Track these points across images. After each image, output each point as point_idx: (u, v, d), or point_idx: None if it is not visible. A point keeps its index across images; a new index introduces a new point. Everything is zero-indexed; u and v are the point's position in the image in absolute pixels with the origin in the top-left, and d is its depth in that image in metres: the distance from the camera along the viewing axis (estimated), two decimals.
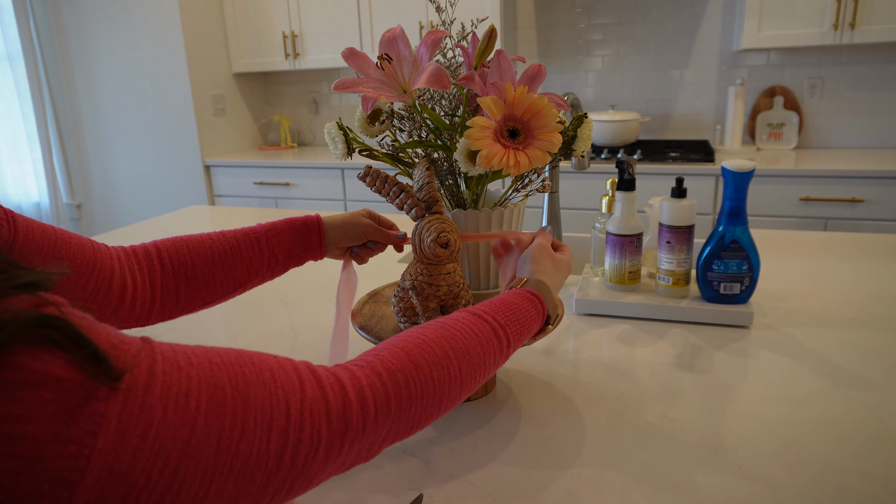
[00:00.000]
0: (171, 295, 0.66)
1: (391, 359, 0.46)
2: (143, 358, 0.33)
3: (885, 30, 2.31)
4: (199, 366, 0.36)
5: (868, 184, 2.25)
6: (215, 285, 0.70)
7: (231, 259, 0.71)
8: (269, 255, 0.74)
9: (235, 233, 0.73)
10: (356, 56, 0.71)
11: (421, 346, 0.49)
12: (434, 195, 0.73)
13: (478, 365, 0.52)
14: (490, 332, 0.54)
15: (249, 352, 0.40)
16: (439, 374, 0.48)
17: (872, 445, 0.71)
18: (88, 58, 3.31)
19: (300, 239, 0.76)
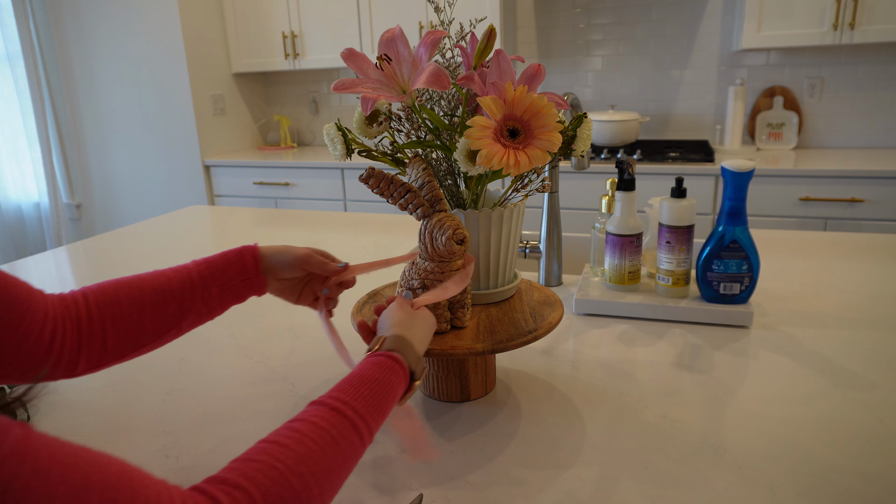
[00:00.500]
0: (96, 342, 0.61)
1: (267, 483, 0.42)
2: (7, 464, 0.30)
3: (884, 30, 2.31)
4: (73, 482, 0.33)
5: (868, 184, 2.25)
6: (145, 327, 0.64)
7: (161, 298, 0.65)
8: (201, 289, 0.67)
9: (166, 270, 0.68)
10: (355, 56, 0.71)
11: (278, 477, 0.43)
12: (437, 193, 0.73)
13: (339, 473, 0.47)
14: (352, 430, 0.49)
15: (135, 472, 0.37)
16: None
17: (872, 445, 0.71)
18: (88, 58, 3.31)
19: (234, 268, 0.70)
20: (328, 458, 0.46)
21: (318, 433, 0.47)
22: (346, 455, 0.48)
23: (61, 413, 0.85)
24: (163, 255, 1.54)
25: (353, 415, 0.50)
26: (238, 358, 0.99)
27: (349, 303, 1.18)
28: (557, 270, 1.25)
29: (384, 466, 0.71)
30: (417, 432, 0.68)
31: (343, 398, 0.51)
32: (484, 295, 0.83)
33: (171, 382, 0.92)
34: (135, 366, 0.98)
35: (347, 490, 0.67)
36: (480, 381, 0.84)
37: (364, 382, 0.54)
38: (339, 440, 0.48)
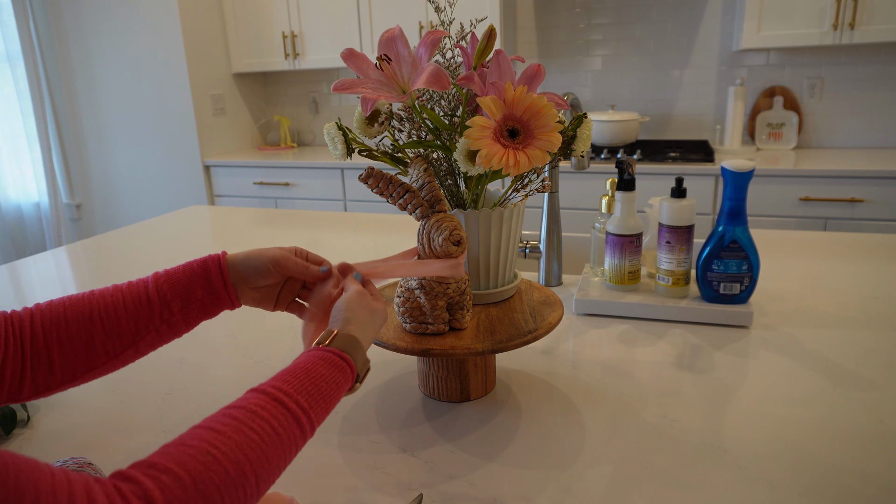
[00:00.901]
0: (42, 365, 0.56)
1: (175, 488, 0.38)
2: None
3: (884, 30, 2.31)
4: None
5: (868, 184, 2.25)
6: (95, 349, 0.58)
7: (113, 314, 0.59)
8: (159, 306, 0.61)
9: (122, 286, 0.61)
10: (355, 57, 0.71)
11: (210, 465, 0.40)
12: (437, 194, 0.73)
13: (275, 468, 0.45)
14: (293, 423, 0.47)
15: (26, 464, 0.34)
16: (232, 497, 0.41)
17: (872, 445, 0.71)
18: (88, 58, 3.31)
19: (198, 281, 0.63)
20: (267, 447, 0.44)
21: (257, 422, 0.45)
22: (286, 447, 0.46)
23: (61, 413, 0.85)
24: (163, 256, 1.54)
25: (296, 408, 0.47)
26: (238, 358, 0.99)
27: None
28: (557, 270, 1.25)
29: (384, 466, 0.71)
30: None
31: (286, 389, 0.48)
32: (484, 295, 0.83)
33: (171, 382, 0.92)
34: (135, 366, 0.98)
35: (347, 490, 0.67)
36: (480, 381, 0.84)
37: (309, 376, 0.50)
38: (280, 431, 0.45)
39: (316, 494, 0.67)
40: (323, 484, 0.68)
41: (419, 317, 0.76)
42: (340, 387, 0.52)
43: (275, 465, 0.44)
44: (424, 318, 0.75)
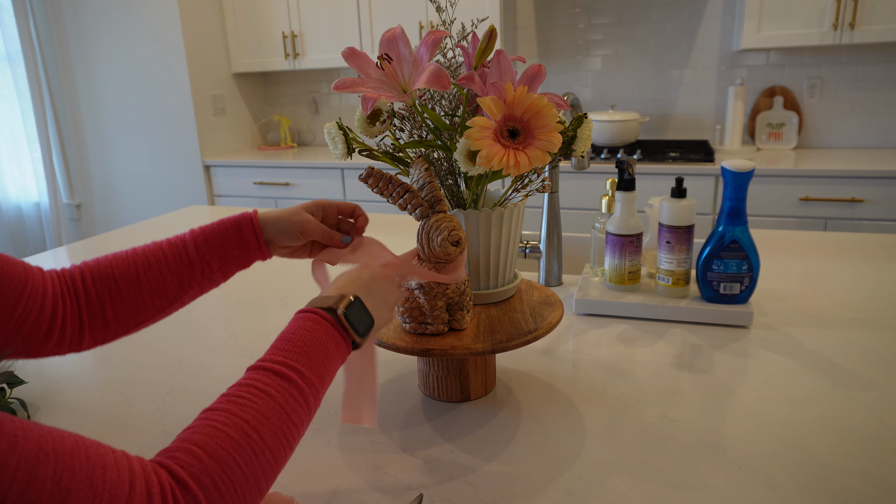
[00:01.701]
0: (98, 319, 0.62)
1: (190, 461, 0.42)
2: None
3: (884, 30, 2.31)
4: (24, 452, 0.33)
5: (868, 184, 2.25)
6: (144, 303, 0.64)
7: (158, 273, 0.64)
8: (200, 264, 0.66)
9: (162, 244, 0.66)
10: (356, 56, 0.71)
11: (214, 436, 0.44)
12: (437, 194, 0.73)
13: (281, 422, 0.47)
14: (276, 378, 0.49)
15: (90, 443, 0.37)
16: (244, 458, 0.44)
17: (872, 445, 0.71)
18: (88, 58, 3.31)
19: (234, 241, 0.68)
20: (258, 405, 0.47)
21: (243, 389, 0.48)
22: (279, 401, 0.48)
23: (61, 413, 0.85)
24: None
25: (278, 367, 0.50)
26: (238, 358, 0.99)
27: None
28: (557, 270, 1.25)
29: (384, 466, 0.71)
30: (369, 392, 0.63)
31: (269, 357, 0.51)
32: (484, 295, 0.83)
33: (171, 382, 0.92)
34: (135, 366, 0.98)
35: (347, 490, 0.67)
36: (480, 381, 0.84)
37: (284, 339, 0.52)
38: (266, 389, 0.48)
39: (316, 495, 0.67)
40: (323, 484, 0.68)
41: (418, 317, 0.76)
42: (311, 330, 0.53)
43: (275, 419, 0.47)
44: (424, 318, 0.75)
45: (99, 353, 1.03)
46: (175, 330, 1.11)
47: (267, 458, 0.45)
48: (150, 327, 1.12)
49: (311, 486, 0.68)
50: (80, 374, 0.96)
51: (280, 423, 0.47)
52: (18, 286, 0.55)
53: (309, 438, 0.77)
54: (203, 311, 1.19)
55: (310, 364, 0.51)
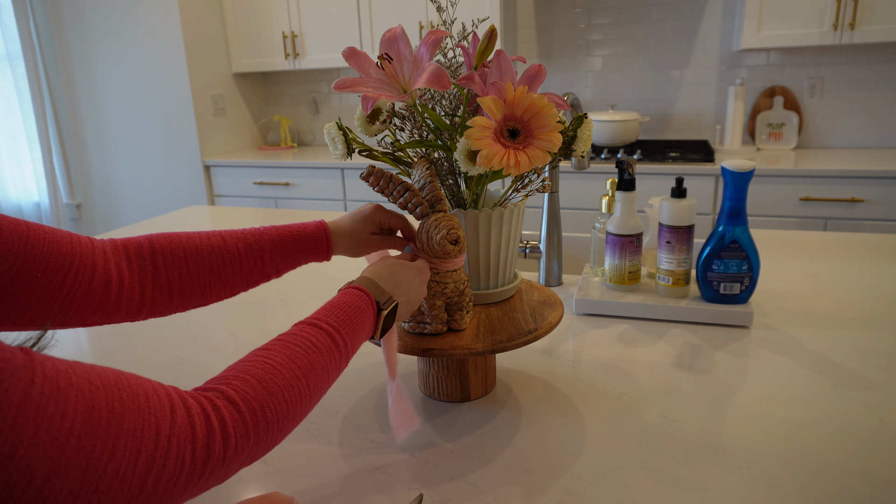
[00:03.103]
0: (163, 295, 0.64)
1: (244, 388, 0.47)
2: (20, 376, 0.33)
3: (885, 30, 2.31)
4: (79, 386, 0.36)
5: (868, 184, 2.25)
6: (210, 292, 0.67)
7: (230, 269, 0.68)
8: (270, 269, 0.71)
9: (237, 241, 0.69)
10: (356, 55, 0.71)
11: (269, 371, 0.49)
12: (438, 193, 0.73)
13: (322, 375, 0.53)
14: (327, 338, 0.55)
15: (127, 374, 0.41)
16: (290, 395, 0.49)
17: (872, 445, 0.71)
18: (88, 58, 3.31)
19: (308, 255, 0.74)
20: (310, 356, 0.53)
21: (297, 339, 0.54)
22: (324, 356, 0.54)
23: None
24: None
25: (328, 327, 0.57)
26: (238, 357, 0.99)
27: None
28: (557, 270, 1.25)
29: (384, 466, 0.71)
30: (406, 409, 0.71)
31: (317, 316, 0.58)
32: (484, 295, 0.83)
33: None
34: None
35: (347, 490, 0.67)
36: (480, 381, 0.84)
37: (335, 305, 0.60)
38: (318, 344, 0.54)
39: (316, 494, 0.67)
40: (323, 484, 0.68)
41: (417, 316, 0.76)
42: (362, 310, 0.61)
43: (320, 370, 0.53)
44: (422, 317, 0.76)
45: (99, 352, 1.03)
46: (175, 330, 1.11)
47: (304, 403, 0.51)
48: (150, 328, 1.12)
49: (311, 485, 0.68)
50: None
51: (321, 376, 0.53)
52: (65, 262, 0.55)
53: (309, 438, 0.77)
54: (203, 311, 1.19)
55: (352, 337, 0.58)
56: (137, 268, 0.62)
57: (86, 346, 1.06)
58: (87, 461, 0.35)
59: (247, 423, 0.45)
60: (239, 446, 0.45)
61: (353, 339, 0.58)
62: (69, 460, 0.34)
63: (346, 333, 0.57)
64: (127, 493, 0.37)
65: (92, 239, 0.60)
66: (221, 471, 0.44)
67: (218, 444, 0.43)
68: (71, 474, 0.34)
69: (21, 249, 0.52)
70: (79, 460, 0.34)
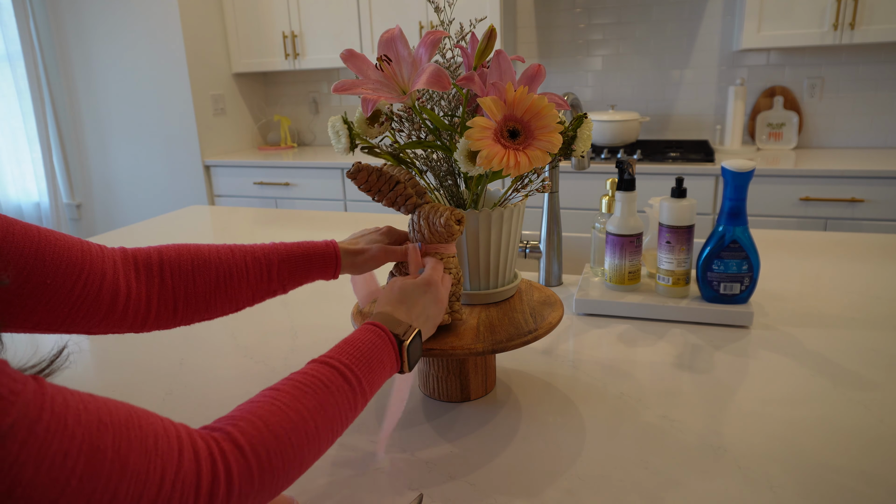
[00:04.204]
0: (167, 309, 0.64)
1: (251, 431, 0.46)
2: (27, 413, 0.33)
3: (885, 30, 2.31)
4: (87, 424, 0.35)
5: (868, 184, 2.25)
6: (216, 306, 0.67)
7: (236, 283, 0.67)
8: (276, 284, 0.71)
9: (245, 254, 0.69)
10: (355, 57, 0.71)
11: (276, 412, 0.48)
12: (420, 187, 0.73)
13: (333, 415, 0.52)
14: (339, 377, 0.54)
15: (140, 411, 0.40)
16: (298, 440, 0.48)
17: (872, 445, 0.71)
18: (88, 58, 3.31)
19: (315, 271, 0.73)
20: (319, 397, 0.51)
21: (308, 378, 0.52)
22: (335, 397, 0.52)
23: None
24: None
25: (340, 365, 0.55)
26: (238, 358, 0.99)
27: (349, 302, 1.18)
28: (557, 270, 1.25)
29: (384, 466, 0.71)
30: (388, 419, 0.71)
31: (330, 354, 0.56)
32: (484, 295, 0.83)
33: (171, 382, 0.92)
34: (135, 366, 0.98)
35: (347, 490, 0.67)
36: (480, 381, 0.84)
37: (348, 343, 0.58)
38: (329, 385, 0.53)
39: (315, 494, 0.67)
40: (323, 484, 0.68)
41: None
42: (378, 347, 0.60)
43: (331, 411, 0.52)
44: None
45: (99, 353, 1.03)
46: (175, 331, 1.11)
47: (314, 445, 0.50)
48: None
49: (310, 485, 0.68)
50: (81, 375, 0.96)
51: (332, 417, 0.52)
52: (76, 269, 0.55)
53: None
54: None
55: (368, 375, 0.56)
56: (145, 279, 0.62)
57: (86, 349, 1.06)
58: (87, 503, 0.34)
59: (251, 470, 0.44)
60: (243, 493, 0.44)
61: (368, 376, 0.56)
62: (67, 501, 0.33)
63: (359, 371, 0.55)
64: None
65: (103, 247, 0.60)
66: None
67: (222, 492, 0.42)
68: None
69: (32, 255, 0.52)
70: (78, 502, 0.34)
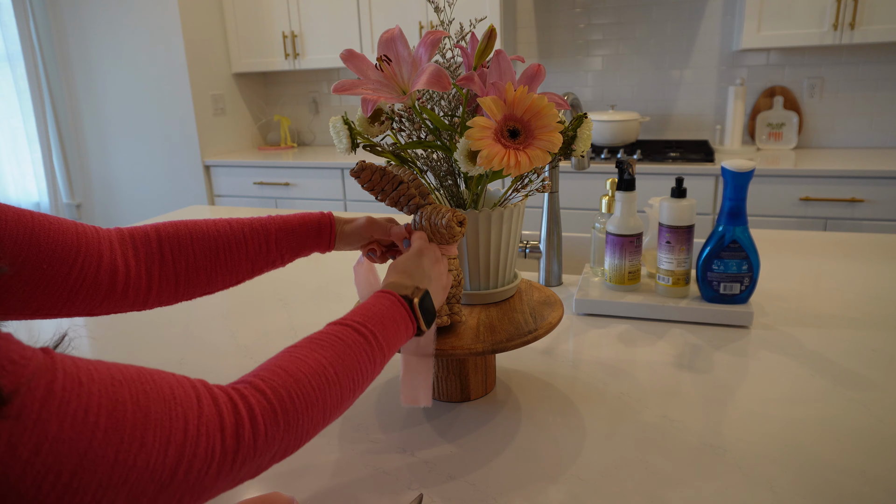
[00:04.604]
0: (169, 284, 0.64)
1: (271, 377, 0.47)
2: (43, 374, 0.33)
3: (885, 30, 2.31)
4: (101, 381, 0.36)
5: (868, 184, 2.25)
6: (216, 278, 0.67)
7: (235, 254, 0.68)
8: (275, 254, 0.71)
9: (244, 226, 0.69)
10: (355, 58, 0.71)
11: (295, 361, 0.50)
12: (424, 188, 0.73)
13: (351, 366, 0.53)
14: (352, 332, 0.56)
15: (149, 369, 0.41)
16: (318, 383, 0.50)
17: (872, 445, 0.71)
18: (88, 58, 3.31)
19: (311, 241, 0.74)
20: (336, 348, 0.53)
21: (322, 335, 0.54)
22: (352, 349, 0.54)
23: None
24: None
25: (354, 323, 0.57)
26: (238, 358, 0.99)
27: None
28: (557, 270, 1.25)
29: (384, 466, 0.71)
30: (424, 378, 0.71)
31: (345, 317, 0.58)
32: (484, 295, 0.83)
33: None
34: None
35: (347, 490, 0.67)
36: (480, 381, 0.84)
37: (362, 307, 0.60)
38: (344, 339, 0.55)
39: (316, 494, 0.67)
40: (323, 484, 0.68)
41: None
42: (389, 308, 0.61)
43: (348, 361, 0.53)
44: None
45: (98, 352, 1.03)
46: (175, 330, 1.11)
47: (335, 392, 0.51)
48: (150, 327, 1.12)
49: (311, 485, 0.68)
50: None
51: (351, 367, 0.53)
52: (71, 253, 0.55)
53: None
54: (203, 311, 1.19)
55: (383, 332, 0.58)
56: (144, 256, 0.62)
57: (85, 346, 1.06)
58: (116, 454, 0.35)
59: (275, 410, 0.45)
60: (269, 434, 0.45)
61: (383, 332, 0.58)
62: (96, 454, 0.34)
63: (374, 327, 0.57)
64: (158, 484, 0.37)
65: (98, 229, 0.60)
66: (254, 461, 0.44)
67: (247, 433, 0.43)
68: (99, 468, 0.34)
69: (26, 240, 0.52)
70: (107, 453, 0.35)
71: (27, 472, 0.31)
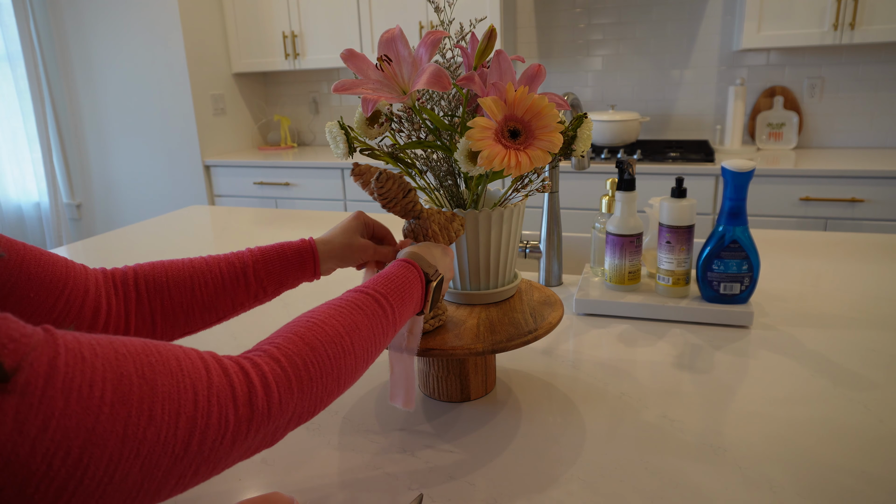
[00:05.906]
0: (146, 324, 0.63)
1: (286, 344, 0.48)
2: (44, 351, 0.33)
3: (885, 30, 2.31)
4: (104, 356, 0.36)
5: (868, 184, 2.25)
6: (195, 316, 0.66)
7: (213, 292, 0.66)
8: (256, 287, 0.69)
9: (220, 262, 0.68)
10: (355, 57, 0.71)
11: (312, 328, 0.50)
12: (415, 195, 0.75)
13: (367, 336, 0.54)
14: (372, 301, 0.57)
15: (155, 342, 0.41)
16: (333, 351, 0.50)
17: (872, 445, 0.71)
18: (88, 58, 3.31)
19: (293, 269, 0.72)
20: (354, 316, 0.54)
21: (339, 301, 0.56)
22: (370, 318, 0.55)
23: None
24: (163, 256, 1.54)
25: (374, 292, 0.58)
26: None
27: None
28: (557, 270, 1.25)
29: (384, 466, 0.71)
30: (407, 377, 0.72)
31: (365, 285, 0.59)
32: (484, 295, 0.83)
33: None
34: None
35: (347, 490, 0.67)
36: (480, 381, 0.84)
37: (382, 276, 0.62)
38: (362, 305, 0.56)
39: (316, 494, 0.67)
40: (323, 484, 0.68)
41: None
42: (409, 280, 0.63)
43: (365, 330, 0.54)
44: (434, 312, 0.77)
45: None
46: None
47: (349, 361, 0.52)
48: None
49: (311, 485, 0.68)
50: None
51: (367, 337, 0.54)
52: (59, 284, 0.56)
53: (309, 438, 0.77)
54: None
55: (400, 305, 0.59)
56: (123, 296, 0.62)
57: None
58: (125, 427, 0.35)
59: (289, 377, 0.46)
60: (283, 400, 0.45)
61: (400, 307, 0.59)
62: (105, 428, 0.34)
63: (393, 300, 0.58)
64: (171, 456, 0.37)
65: (86, 267, 0.60)
66: (268, 427, 0.44)
67: (261, 400, 0.43)
68: (109, 442, 0.34)
69: (16, 268, 0.53)
70: (115, 428, 0.35)
71: (36, 449, 0.31)
